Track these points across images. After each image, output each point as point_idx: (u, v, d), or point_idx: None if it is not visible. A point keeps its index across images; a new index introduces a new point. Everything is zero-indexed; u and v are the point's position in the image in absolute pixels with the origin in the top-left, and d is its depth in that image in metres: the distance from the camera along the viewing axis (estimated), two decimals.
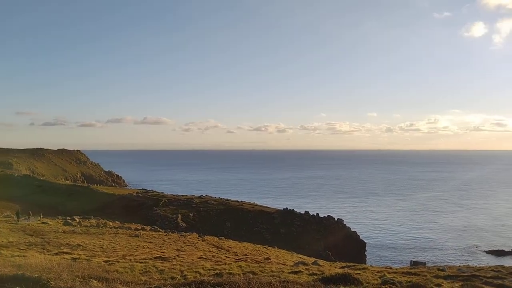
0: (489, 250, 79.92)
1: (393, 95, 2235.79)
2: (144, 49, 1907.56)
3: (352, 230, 76.73)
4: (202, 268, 22.08)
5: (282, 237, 71.16)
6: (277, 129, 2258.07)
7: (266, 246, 51.27)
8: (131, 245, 36.43)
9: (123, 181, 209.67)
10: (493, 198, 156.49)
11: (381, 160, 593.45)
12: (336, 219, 78.34)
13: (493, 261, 68.91)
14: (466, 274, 22.24)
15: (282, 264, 29.59)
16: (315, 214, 79.34)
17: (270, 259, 33.98)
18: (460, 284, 18.06)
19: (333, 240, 72.03)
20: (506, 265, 52.46)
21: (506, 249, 79.48)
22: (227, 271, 20.97)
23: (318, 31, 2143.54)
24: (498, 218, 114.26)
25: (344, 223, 78.22)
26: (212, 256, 33.38)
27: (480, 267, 32.91)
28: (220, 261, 28.23)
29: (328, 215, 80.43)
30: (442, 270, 22.05)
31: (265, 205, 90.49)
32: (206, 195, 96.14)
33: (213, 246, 44.22)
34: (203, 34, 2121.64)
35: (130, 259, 26.13)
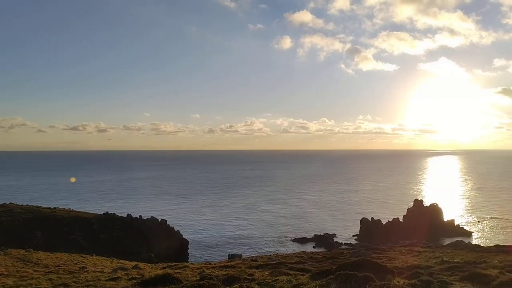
0: (295, 238, 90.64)
1: (214, 98, 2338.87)
2: None
3: (175, 230, 77.39)
4: (3, 286, 19.27)
5: (102, 243, 67.22)
6: (97, 129, 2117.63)
7: (83, 255, 47.61)
8: None
9: None
10: (299, 192, 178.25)
11: (204, 160, 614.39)
12: (159, 220, 77.83)
13: (298, 248, 78.52)
14: (274, 262, 24.80)
15: (100, 272, 27.97)
16: (138, 217, 77.37)
17: (86, 268, 31.73)
18: (269, 271, 20.03)
19: (157, 241, 71.46)
20: (307, 250, 60.34)
21: (308, 236, 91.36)
22: (33, 286, 18.77)
23: (149, 33, 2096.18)
24: (303, 209, 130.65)
25: (168, 223, 78.33)
26: (17, 271, 29.38)
27: (287, 254, 37.13)
28: (26, 276, 25.05)
29: (151, 217, 79.31)
30: (255, 261, 24.08)
31: (83, 211, 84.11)
32: (11, 203, 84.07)
33: (18, 260, 38.91)
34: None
35: None
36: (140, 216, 78.50)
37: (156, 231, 74.12)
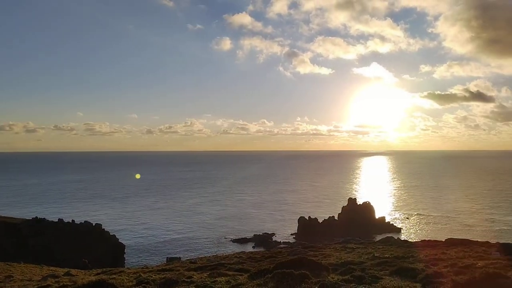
0: (235, 239, 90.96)
1: (152, 98, 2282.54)
2: None
3: (111, 234, 74.64)
4: None
5: (31, 250, 63.24)
6: (26, 129, 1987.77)
7: (9, 263, 44.48)
8: None
9: None
10: (239, 192, 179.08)
11: (142, 161, 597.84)
12: (94, 224, 74.67)
13: (238, 248, 78.86)
14: (214, 263, 24.77)
15: (28, 280, 26.32)
16: (70, 221, 73.69)
17: (12, 277, 29.66)
18: (208, 273, 19.98)
19: (91, 246, 68.44)
20: (247, 250, 60.83)
21: (248, 237, 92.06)
22: None
23: (86, 32, 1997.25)
24: (243, 210, 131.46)
25: (103, 227, 75.37)
26: None
27: (226, 255, 37.22)
28: None
29: (85, 221, 75.91)
30: (193, 263, 23.90)
31: (9, 216, 78.55)
32: None
33: None
34: None
35: None
36: (73, 220, 74.87)
37: (90, 235, 71.01)
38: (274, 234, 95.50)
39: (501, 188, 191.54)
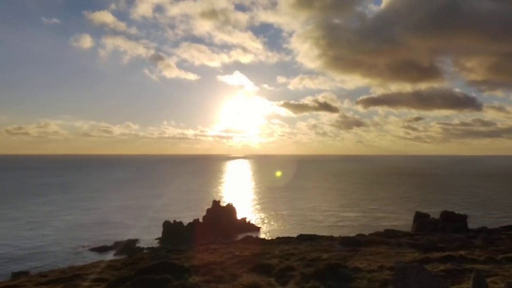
0: (95, 247, 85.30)
1: None
2: None
3: None
4: None
5: None
6: None
7: None
8: None
9: None
10: (101, 198, 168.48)
11: None
12: None
13: (97, 257, 74.12)
14: (68, 275, 23.19)
15: None
16: None
17: None
18: (61, 286, 18.71)
19: None
20: (107, 259, 57.95)
21: (109, 244, 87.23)
22: None
23: None
24: (104, 216, 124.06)
25: None
26: None
27: (83, 265, 34.99)
28: None
29: None
30: (44, 276, 22.07)
31: None
32: None
33: None
34: None
35: None
36: None
37: None
38: (138, 240, 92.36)
39: (344, 188, 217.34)
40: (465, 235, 39.88)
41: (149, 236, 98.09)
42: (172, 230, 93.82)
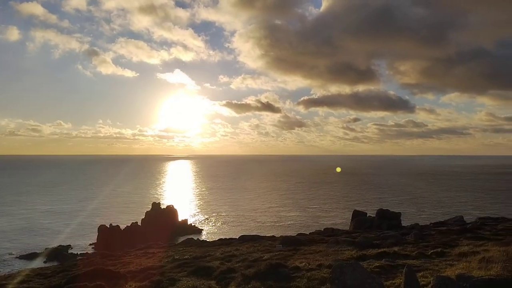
0: (23, 255, 79.89)
1: None
2: None
3: None
4: None
5: None
6: None
7: None
8: None
9: None
10: (29, 202, 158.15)
11: None
12: None
13: (25, 265, 69.44)
14: None
15: None
16: None
17: None
18: None
19: None
20: (36, 267, 54.48)
21: (39, 251, 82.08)
22: None
23: None
24: (31, 221, 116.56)
25: None
26: None
27: (8, 274, 32.49)
28: None
29: None
30: None
31: None
32: None
33: None
34: None
35: None
36: None
37: None
38: (71, 246, 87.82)
39: (286, 187, 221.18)
40: (399, 232, 41.90)
41: (82, 241, 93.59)
42: (108, 234, 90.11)
